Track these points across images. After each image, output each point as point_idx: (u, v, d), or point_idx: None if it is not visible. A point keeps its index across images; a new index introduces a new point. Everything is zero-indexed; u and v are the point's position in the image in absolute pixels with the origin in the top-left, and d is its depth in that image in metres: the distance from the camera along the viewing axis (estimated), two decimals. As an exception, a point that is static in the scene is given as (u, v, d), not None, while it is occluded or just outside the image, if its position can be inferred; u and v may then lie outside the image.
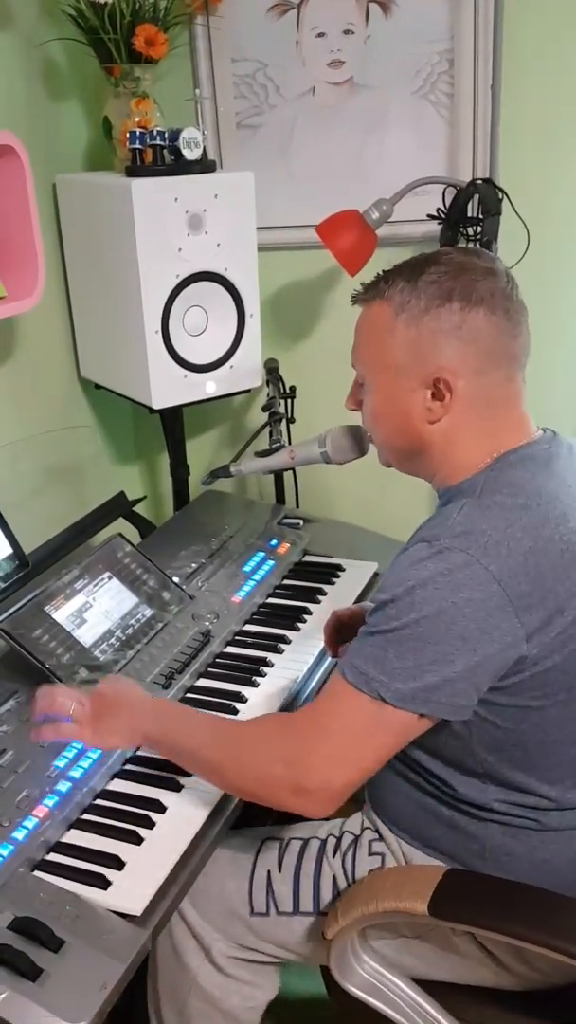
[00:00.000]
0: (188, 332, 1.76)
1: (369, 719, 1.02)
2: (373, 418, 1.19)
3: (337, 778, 1.03)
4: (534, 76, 1.80)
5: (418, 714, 1.01)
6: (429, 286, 1.08)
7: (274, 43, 1.88)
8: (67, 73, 1.85)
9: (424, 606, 0.99)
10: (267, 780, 1.06)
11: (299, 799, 1.04)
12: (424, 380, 1.09)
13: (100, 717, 1.19)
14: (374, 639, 1.03)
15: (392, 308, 1.10)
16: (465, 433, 1.11)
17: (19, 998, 0.89)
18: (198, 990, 1.24)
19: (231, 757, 1.11)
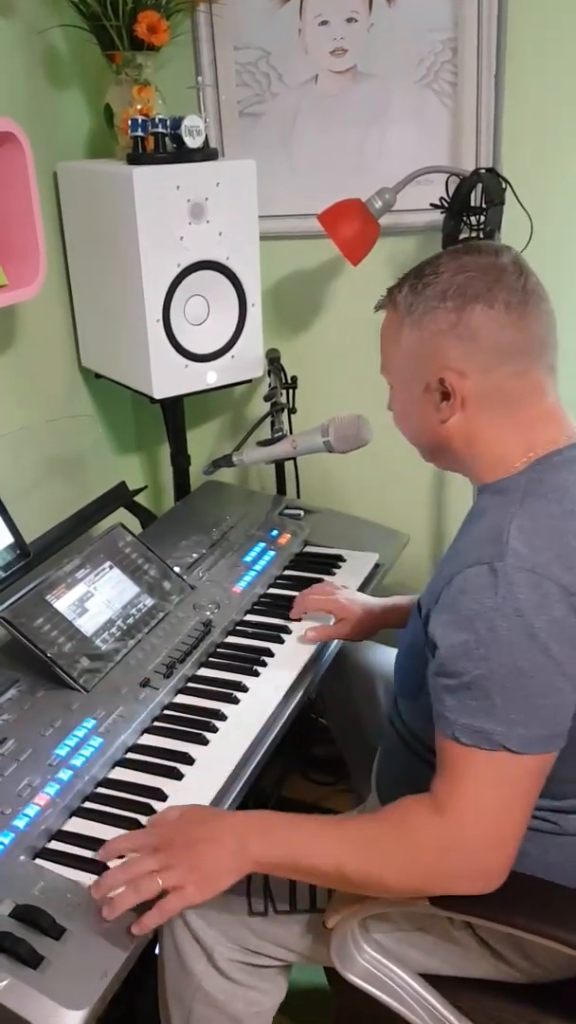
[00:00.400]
0: (189, 321, 1.75)
1: (506, 774, 0.97)
2: (398, 420, 1.20)
3: (510, 841, 0.99)
4: (538, 65, 1.79)
5: (547, 752, 0.99)
6: (427, 288, 1.08)
7: (277, 31, 1.87)
8: (69, 60, 1.84)
9: (512, 636, 0.95)
10: (440, 876, 1.00)
11: (481, 880, 1.00)
12: (430, 381, 1.09)
13: (196, 866, 1.00)
14: (473, 690, 0.97)
15: (398, 314, 1.12)
16: (485, 430, 1.09)
17: (20, 985, 0.89)
18: (203, 995, 1.24)
19: (385, 861, 1.01)
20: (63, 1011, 0.88)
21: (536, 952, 1.14)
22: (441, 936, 1.17)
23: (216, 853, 1.01)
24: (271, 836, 1.04)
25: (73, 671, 1.31)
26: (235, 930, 1.23)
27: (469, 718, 0.97)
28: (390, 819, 1.04)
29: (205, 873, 1.00)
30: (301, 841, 1.03)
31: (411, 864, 1.00)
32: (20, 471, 1.71)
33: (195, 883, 0.99)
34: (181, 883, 0.99)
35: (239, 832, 1.03)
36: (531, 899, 1.05)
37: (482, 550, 1.00)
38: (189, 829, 1.04)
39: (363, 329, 2.07)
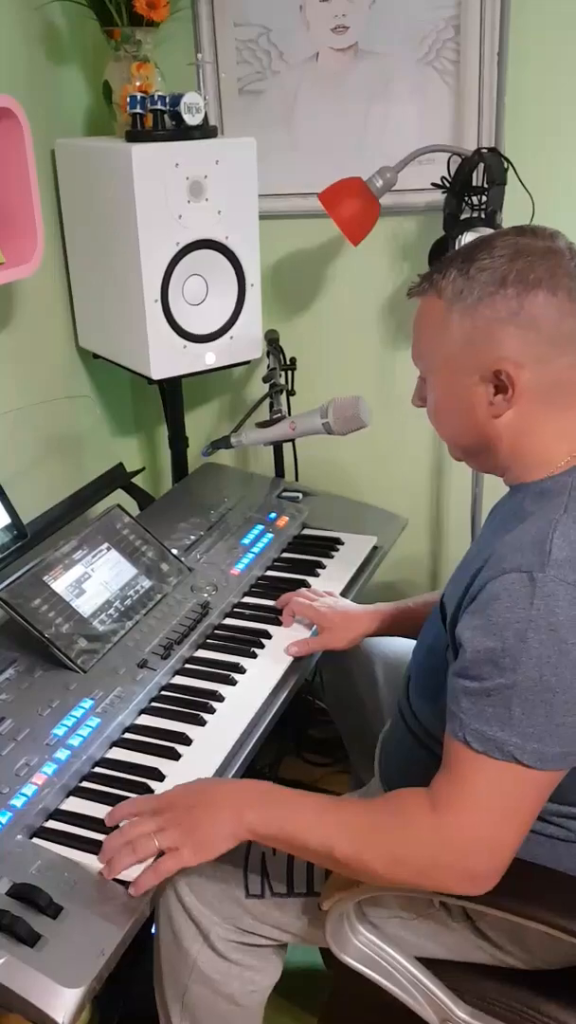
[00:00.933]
0: (188, 301, 1.74)
1: (512, 785, 0.95)
2: (437, 415, 1.12)
3: (505, 849, 0.97)
4: (541, 44, 1.77)
5: (560, 769, 0.97)
6: (482, 273, 1.01)
7: (277, 7, 1.85)
8: (67, 36, 1.82)
9: (542, 651, 0.92)
10: (430, 874, 0.99)
11: (471, 883, 0.99)
12: (484, 373, 1.03)
13: (193, 830, 1.03)
14: (493, 698, 0.95)
15: (445, 300, 1.04)
16: (537, 426, 1.04)
17: (18, 963, 0.90)
18: (198, 975, 1.24)
19: (376, 851, 1.00)
20: (60, 989, 0.88)
21: (533, 943, 1.14)
22: (439, 925, 1.18)
23: (213, 818, 1.03)
24: (268, 808, 1.05)
25: (71, 652, 1.31)
26: (231, 911, 1.23)
27: (484, 724, 0.95)
28: (386, 810, 1.03)
29: (201, 837, 1.02)
30: (297, 818, 1.04)
31: (401, 858, 1.00)
32: (17, 452, 1.71)
33: (191, 846, 1.01)
34: (177, 845, 1.01)
35: (237, 800, 1.05)
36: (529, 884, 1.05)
37: (523, 557, 0.96)
38: (189, 795, 1.06)
39: (363, 310, 2.07)
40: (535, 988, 1.15)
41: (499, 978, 1.17)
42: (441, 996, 1.16)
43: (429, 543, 2.23)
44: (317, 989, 1.53)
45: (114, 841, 1.02)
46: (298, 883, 1.23)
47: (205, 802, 1.05)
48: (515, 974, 1.17)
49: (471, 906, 1.10)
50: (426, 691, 1.18)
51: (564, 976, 1.15)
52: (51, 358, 1.92)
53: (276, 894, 1.23)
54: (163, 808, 1.05)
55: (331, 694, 1.73)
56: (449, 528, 2.20)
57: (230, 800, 1.05)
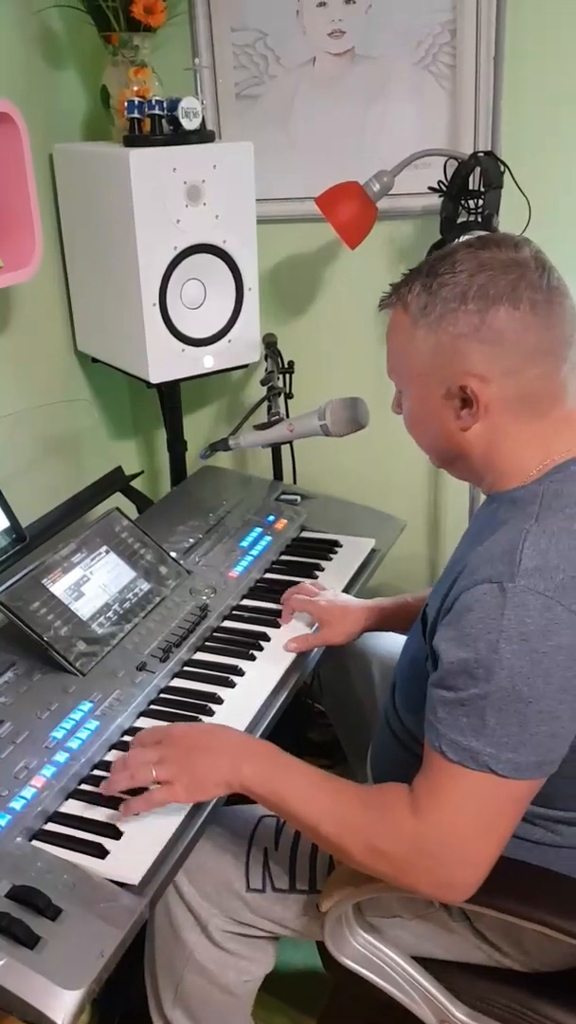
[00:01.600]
0: (186, 305, 1.74)
1: (491, 795, 0.96)
2: (411, 426, 1.14)
3: (481, 861, 0.98)
4: (537, 48, 1.78)
5: (535, 779, 0.97)
6: (443, 288, 1.01)
7: (274, 12, 1.86)
8: (65, 41, 1.83)
9: (514, 661, 0.93)
10: (403, 873, 1.00)
11: (444, 890, 1.00)
12: (451, 388, 1.03)
13: (190, 770, 1.06)
14: (467, 708, 0.95)
15: (410, 316, 1.05)
16: (508, 437, 1.04)
17: (17, 965, 0.90)
18: (194, 964, 1.25)
19: (357, 839, 1.01)
20: (60, 991, 0.88)
21: (531, 945, 1.15)
22: (438, 926, 1.18)
23: (211, 763, 1.07)
24: (266, 767, 1.07)
25: (69, 654, 1.31)
26: (231, 903, 1.24)
27: (459, 734, 0.96)
28: (373, 800, 1.04)
29: (196, 777, 1.06)
30: (291, 785, 1.06)
31: (379, 850, 1.00)
32: (16, 455, 1.71)
33: (185, 784, 1.06)
34: (172, 779, 1.06)
35: (238, 752, 1.08)
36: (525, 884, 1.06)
37: (494, 568, 0.97)
38: (194, 734, 1.12)
39: (360, 313, 2.08)
40: (533, 989, 1.16)
41: (497, 979, 1.17)
42: (439, 996, 1.16)
43: (427, 545, 2.24)
44: (316, 990, 1.54)
45: (117, 763, 1.09)
46: (300, 880, 1.23)
47: (207, 745, 1.09)
48: (513, 975, 1.18)
49: (468, 907, 1.11)
50: (409, 700, 1.19)
51: (562, 977, 1.15)
52: (50, 362, 1.93)
53: (277, 889, 1.23)
54: (167, 742, 1.10)
55: (329, 694, 1.74)
56: (447, 530, 2.20)
57: (232, 749, 1.09)
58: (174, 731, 1.12)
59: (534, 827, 1.08)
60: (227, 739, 1.12)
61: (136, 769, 1.07)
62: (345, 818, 1.03)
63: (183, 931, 1.25)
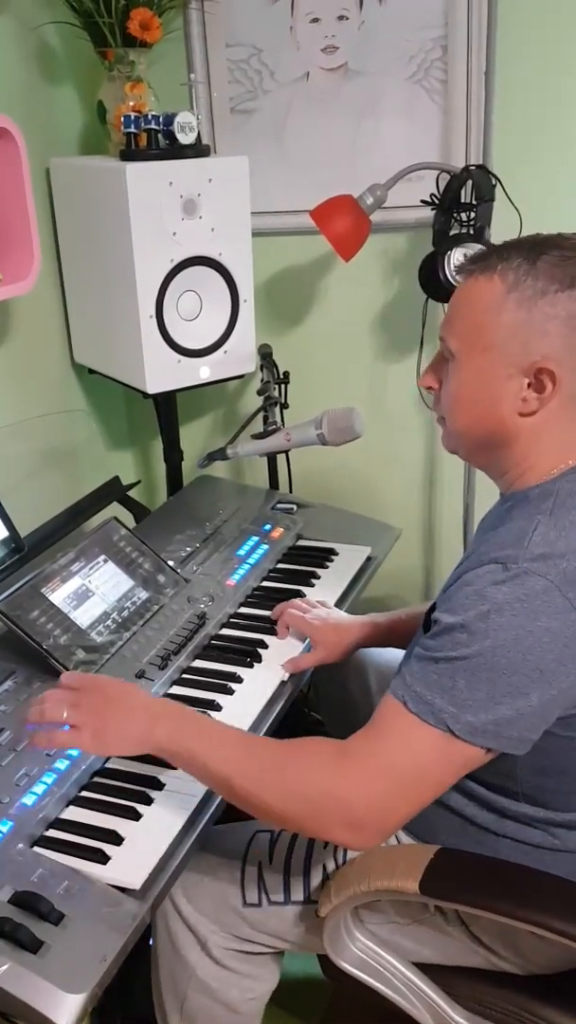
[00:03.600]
0: (182, 317, 1.76)
1: (434, 752, 0.96)
2: (455, 400, 1.09)
3: (395, 813, 0.98)
4: (527, 62, 1.81)
5: (485, 748, 0.97)
6: (550, 268, 1.00)
7: (268, 28, 1.88)
8: (62, 57, 1.85)
9: (500, 633, 0.94)
10: (317, 813, 1.00)
11: (351, 833, 0.99)
12: (526, 368, 1.01)
13: (102, 720, 1.08)
14: (440, 666, 0.97)
15: (504, 285, 1.01)
16: (553, 431, 1.04)
17: (20, 970, 0.90)
18: (197, 983, 1.25)
19: (273, 786, 1.01)
20: (62, 995, 0.89)
21: (527, 948, 1.15)
22: (434, 930, 1.19)
23: (124, 718, 1.08)
24: (180, 727, 1.08)
25: (69, 663, 1.32)
26: (229, 919, 1.24)
27: (425, 688, 0.97)
28: (290, 749, 1.05)
29: (105, 730, 1.07)
30: (204, 742, 1.06)
31: (296, 795, 1.01)
32: (14, 466, 1.72)
33: (92, 732, 1.07)
34: (82, 726, 1.07)
35: (152, 713, 1.09)
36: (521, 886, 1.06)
37: (502, 551, 0.98)
38: (115, 688, 1.13)
39: (355, 324, 2.10)
40: (530, 992, 1.16)
41: (494, 982, 1.18)
42: (437, 1000, 1.17)
43: (422, 553, 2.25)
44: (315, 997, 1.54)
45: (34, 699, 1.11)
46: (295, 891, 1.24)
47: (124, 702, 1.09)
48: (510, 978, 1.18)
49: (465, 910, 1.12)
50: None
51: (558, 979, 1.16)
52: (47, 373, 1.94)
53: (273, 903, 1.24)
54: (87, 688, 1.11)
55: (325, 704, 1.74)
56: (442, 538, 2.22)
57: (147, 710, 1.09)
58: (98, 680, 1.15)
59: (533, 830, 1.09)
60: (144, 699, 1.13)
61: (50, 705, 1.09)
62: (259, 771, 1.03)
63: (184, 949, 1.25)
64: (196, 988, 1.26)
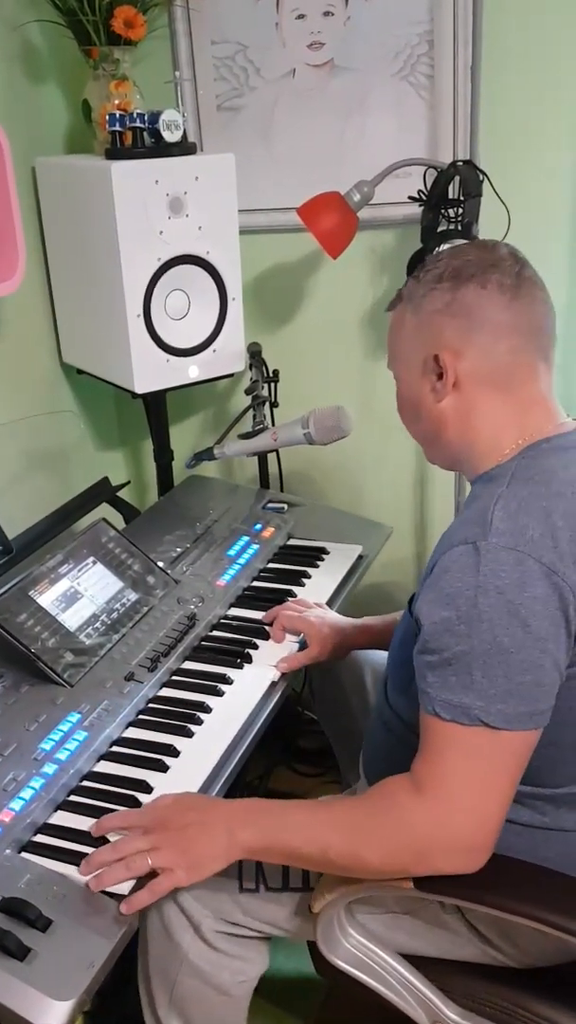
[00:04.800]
0: (170, 316, 1.75)
1: (487, 748, 0.98)
2: (401, 412, 1.22)
3: (491, 819, 0.99)
4: (514, 57, 1.80)
5: (527, 730, 0.99)
6: (426, 274, 1.13)
7: (254, 25, 1.87)
8: (46, 55, 1.84)
9: (493, 613, 0.97)
10: (422, 856, 1.00)
11: (463, 858, 1.00)
12: (427, 361, 1.12)
13: (186, 850, 1.03)
14: (454, 666, 0.98)
15: (404, 303, 1.16)
16: (480, 414, 1.12)
17: (7, 977, 0.90)
18: (188, 966, 1.25)
19: (370, 846, 1.02)
20: (50, 1002, 0.89)
21: (523, 939, 1.15)
22: (430, 920, 1.19)
23: (206, 839, 1.04)
24: (259, 824, 1.06)
25: (57, 666, 1.31)
26: (223, 905, 1.24)
27: (449, 693, 0.98)
28: (373, 800, 1.05)
29: (194, 857, 1.03)
30: (287, 828, 1.05)
31: (395, 844, 1.01)
32: (2, 467, 1.72)
33: (185, 867, 1.02)
34: (171, 865, 1.02)
35: (229, 819, 1.05)
36: (515, 879, 1.06)
37: (468, 530, 1.02)
38: (182, 813, 1.06)
39: (344, 322, 2.09)
40: (524, 987, 1.16)
41: (488, 978, 1.18)
42: (431, 996, 1.17)
43: (414, 550, 2.25)
44: (308, 995, 1.54)
45: (105, 856, 1.02)
46: (294, 878, 1.23)
47: (199, 822, 1.05)
48: (504, 973, 1.18)
49: (461, 903, 1.11)
50: (400, 682, 1.20)
51: (552, 975, 1.16)
52: (35, 374, 1.93)
53: (271, 888, 1.23)
54: (155, 826, 1.05)
55: (320, 701, 1.74)
56: (433, 535, 2.22)
57: (223, 820, 1.05)
58: (160, 813, 1.07)
59: (522, 808, 1.09)
60: (217, 811, 1.07)
61: (131, 860, 1.02)
62: (353, 829, 1.03)
63: (176, 933, 1.24)
64: (188, 972, 1.25)
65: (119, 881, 1.01)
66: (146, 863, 1.01)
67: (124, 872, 1.01)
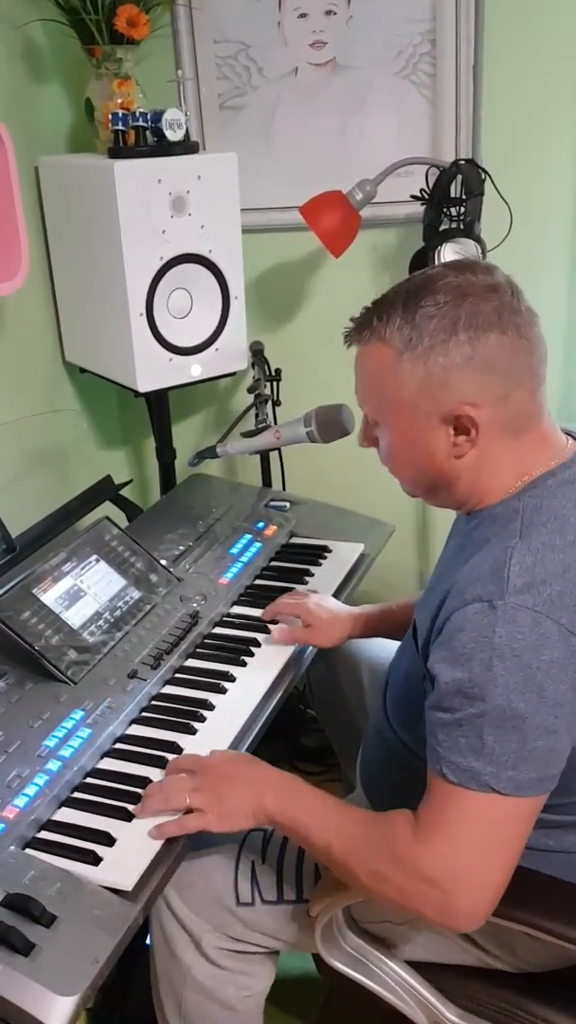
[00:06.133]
0: (173, 315, 1.75)
1: (492, 815, 0.95)
2: (392, 459, 1.12)
3: (483, 885, 0.96)
4: (516, 56, 1.81)
5: (538, 795, 0.97)
6: (430, 320, 1.01)
7: (256, 24, 1.87)
8: (48, 55, 1.84)
9: (508, 678, 0.93)
10: (407, 897, 0.99)
11: (449, 920, 0.98)
12: (445, 417, 1.03)
13: (222, 799, 1.09)
14: (464, 728, 0.95)
15: (393, 349, 1.04)
16: (495, 460, 1.05)
17: (12, 972, 0.90)
18: (192, 983, 1.25)
19: (362, 863, 1.02)
20: (54, 997, 0.89)
21: (520, 947, 1.15)
22: (427, 928, 1.19)
23: (240, 795, 1.10)
24: (285, 799, 1.10)
25: (61, 663, 1.31)
26: (222, 919, 1.24)
27: (458, 756, 0.96)
28: (377, 825, 1.04)
29: (227, 808, 1.09)
30: (305, 812, 1.08)
31: (382, 875, 1.00)
32: (5, 466, 1.72)
33: (217, 813, 1.08)
34: (205, 808, 1.08)
35: (263, 784, 1.11)
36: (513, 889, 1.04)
37: (483, 587, 0.97)
38: (228, 765, 1.14)
39: (345, 320, 2.07)
40: (523, 989, 1.16)
41: (488, 980, 1.18)
42: (430, 999, 1.17)
43: (415, 549, 2.25)
44: (311, 995, 1.54)
45: (153, 787, 1.11)
46: (287, 891, 1.24)
47: (239, 777, 1.12)
48: (503, 975, 1.18)
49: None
50: (405, 717, 1.20)
51: (551, 976, 1.16)
52: (38, 373, 1.93)
53: (266, 901, 1.24)
54: (202, 770, 1.12)
55: (319, 700, 1.75)
56: (434, 534, 2.22)
57: (258, 782, 1.11)
58: (209, 760, 1.15)
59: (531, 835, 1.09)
60: (255, 772, 1.13)
61: (171, 794, 1.09)
62: (350, 843, 1.04)
63: (178, 950, 1.25)
64: (192, 988, 1.26)
65: (156, 811, 1.09)
66: (184, 800, 1.08)
67: (163, 803, 1.09)
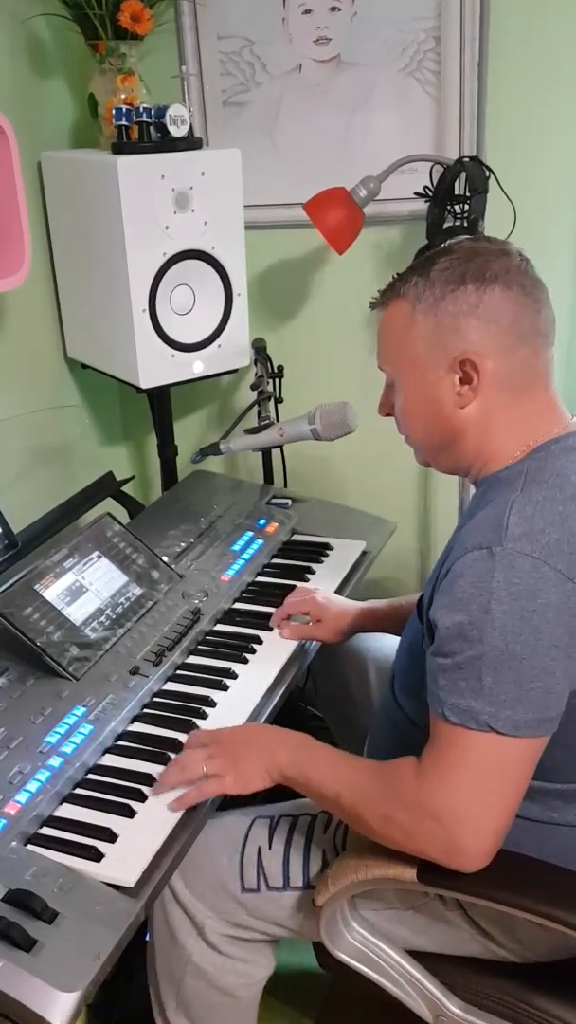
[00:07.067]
0: (175, 311, 1.75)
1: (492, 754, 0.98)
2: (405, 415, 1.18)
3: (485, 823, 0.99)
4: (520, 54, 1.80)
5: (535, 736, 0.99)
6: (442, 274, 1.09)
7: (260, 20, 1.87)
8: (52, 50, 1.84)
9: (505, 620, 0.96)
10: (412, 837, 1.02)
11: (454, 858, 1.00)
12: (451, 365, 1.09)
13: (237, 762, 1.14)
14: (464, 670, 0.99)
15: (408, 303, 1.11)
16: (499, 417, 1.10)
17: (14, 968, 0.90)
18: (193, 968, 1.25)
19: (371, 809, 1.06)
20: (56, 993, 0.89)
21: (525, 935, 1.15)
22: (432, 916, 1.19)
23: (255, 756, 1.15)
24: (295, 755, 1.14)
25: (62, 659, 1.31)
26: (226, 905, 1.24)
27: (458, 697, 0.99)
28: (383, 772, 1.08)
29: (243, 770, 1.14)
30: (315, 764, 1.13)
31: (389, 818, 1.04)
32: (7, 462, 1.71)
33: (234, 775, 1.13)
34: (222, 773, 1.13)
35: (275, 742, 1.16)
36: (517, 874, 1.06)
37: (483, 536, 1.01)
38: (238, 732, 1.21)
39: (349, 318, 2.09)
40: (526, 982, 1.17)
41: (491, 972, 1.18)
42: (434, 991, 1.17)
43: (417, 547, 2.25)
44: (312, 988, 1.54)
45: (169, 764, 1.16)
46: (294, 877, 1.24)
47: (249, 740, 1.18)
48: (507, 968, 1.18)
49: (462, 897, 1.12)
50: (409, 687, 1.21)
51: (555, 969, 1.16)
52: (39, 368, 1.93)
53: (272, 888, 1.24)
54: (214, 740, 1.18)
55: (324, 696, 1.74)
56: (437, 532, 2.22)
57: (270, 741, 1.16)
58: (221, 732, 1.20)
59: (532, 803, 1.09)
60: (265, 733, 1.20)
61: (187, 764, 1.14)
62: (359, 788, 1.08)
63: (180, 934, 1.25)
64: (192, 974, 1.26)
65: (174, 783, 1.12)
66: (200, 769, 1.13)
67: (180, 775, 1.13)
